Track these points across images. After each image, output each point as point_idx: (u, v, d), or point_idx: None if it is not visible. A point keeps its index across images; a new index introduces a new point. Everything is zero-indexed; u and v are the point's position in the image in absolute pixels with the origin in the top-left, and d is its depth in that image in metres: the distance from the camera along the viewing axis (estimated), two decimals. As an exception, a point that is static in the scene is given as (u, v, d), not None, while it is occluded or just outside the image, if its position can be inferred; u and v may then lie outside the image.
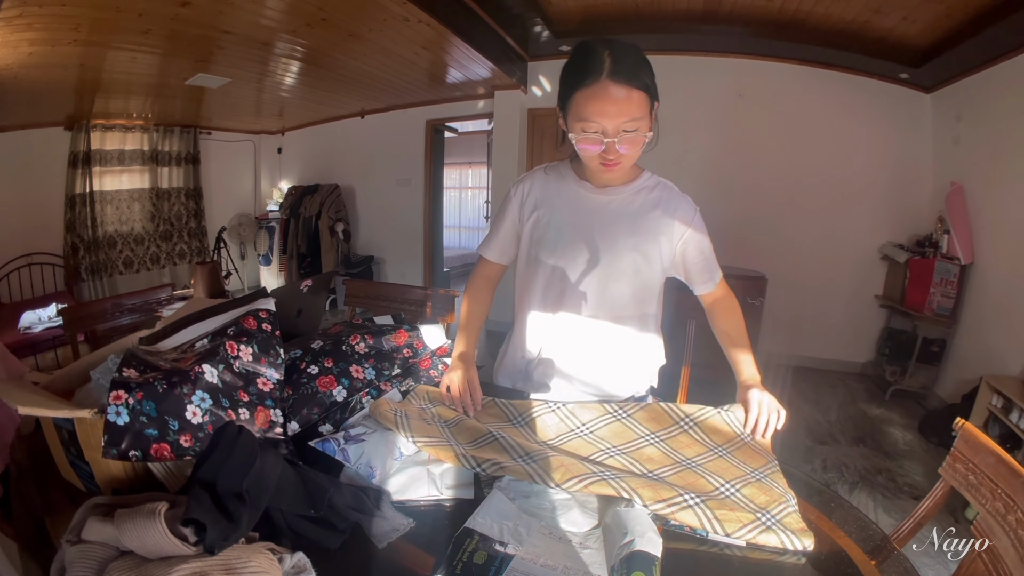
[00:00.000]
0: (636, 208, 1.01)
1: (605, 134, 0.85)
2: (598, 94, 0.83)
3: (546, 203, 1.05)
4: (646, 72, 0.86)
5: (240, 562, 0.52)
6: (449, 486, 0.77)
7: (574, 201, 1.03)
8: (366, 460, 0.77)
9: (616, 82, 0.82)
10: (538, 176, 1.09)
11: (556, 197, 1.05)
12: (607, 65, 0.82)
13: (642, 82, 0.84)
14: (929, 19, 2.70)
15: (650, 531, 0.61)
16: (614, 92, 0.82)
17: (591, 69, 0.83)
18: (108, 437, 0.62)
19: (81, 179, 4.31)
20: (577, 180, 1.04)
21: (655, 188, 1.04)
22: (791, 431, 2.86)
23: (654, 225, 1.00)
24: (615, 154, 0.88)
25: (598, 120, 0.84)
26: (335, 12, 2.69)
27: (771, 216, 3.84)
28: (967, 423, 0.78)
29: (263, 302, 0.96)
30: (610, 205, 1.02)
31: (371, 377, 0.98)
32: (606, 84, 0.82)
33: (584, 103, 0.84)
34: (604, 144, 0.87)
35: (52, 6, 2.22)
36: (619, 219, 1.01)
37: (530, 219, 1.07)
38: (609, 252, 1.01)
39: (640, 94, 0.84)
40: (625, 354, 1.10)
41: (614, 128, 0.85)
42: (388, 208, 5.31)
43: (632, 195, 1.02)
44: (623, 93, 0.83)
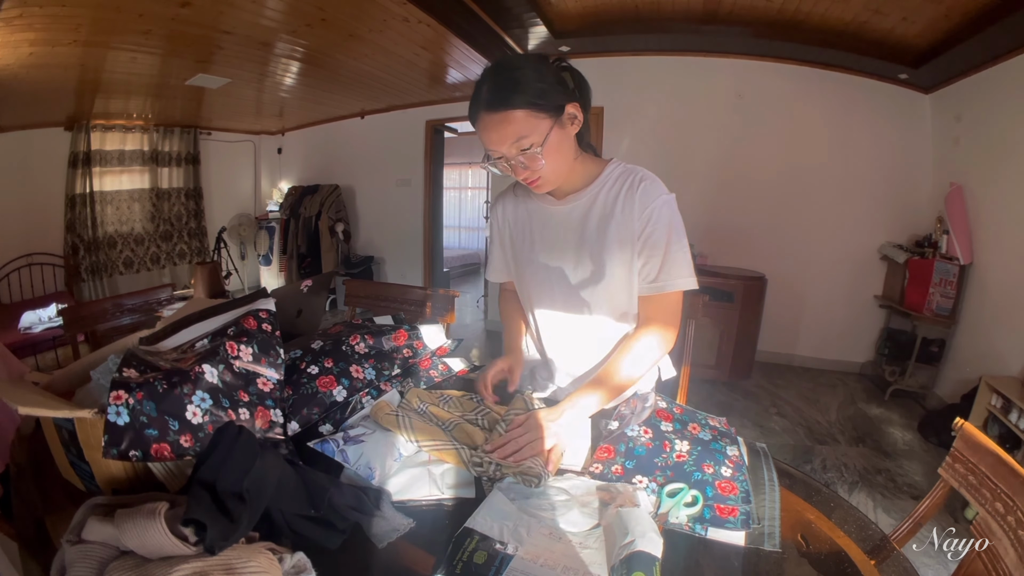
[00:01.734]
0: (599, 209, 0.97)
1: (506, 158, 0.88)
2: (482, 126, 0.87)
3: (517, 222, 1.08)
4: (530, 84, 0.84)
5: (240, 562, 0.52)
6: (450, 486, 0.77)
7: (537, 216, 1.05)
8: (365, 461, 0.77)
9: (491, 111, 0.84)
10: (508, 196, 1.11)
11: (524, 214, 1.07)
12: (483, 96, 0.85)
13: (519, 101, 0.83)
14: (928, 20, 2.70)
15: (651, 531, 0.61)
16: (491, 120, 0.85)
17: (473, 104, 0.88)
18: (108, 437, 0.62)
19: (81, 179, 4.31)
20: (542, 196, 1.03)
21: (617, 180, 0.97)
22: (791, 431, 2.88)
23: (618, 221, 0.95)
24: (524, 173, 0.90)
25: (493, 148, 0.87)
26: (335, 12, 2.69)
27: (771, 216, 3.84)
28: (966, 423, 0.78)
29: (263, 302, 0.96)
30: (572, 213, 1.00)
31: (371, 377, 0.98)
32: (484, 116, 0.85)
33: (480, 136, 0.88)
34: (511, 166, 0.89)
35: (52, 6, 2.22)
36: (585, 225, 0.98)
37: (508, 240, 1.11)
38: (583, 261, 1.00)
39: (520, 112, 0.83)
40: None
41: (509, 150, 0.86)
42: (388, 208, 5.31)
43: (591, 198, 0.98)
44: (499, 118, 0.84)
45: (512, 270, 1.14)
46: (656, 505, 0.74)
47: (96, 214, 4.46)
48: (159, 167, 4.91)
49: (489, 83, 0.85)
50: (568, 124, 0.90)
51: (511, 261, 1.13)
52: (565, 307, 1.05)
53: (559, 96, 0.87)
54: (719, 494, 0.74)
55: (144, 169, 4.82)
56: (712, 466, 0.79)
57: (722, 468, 0.79)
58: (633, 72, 3.85)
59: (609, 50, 3.78)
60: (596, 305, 1.02)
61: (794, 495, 0.79)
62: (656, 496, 0.75)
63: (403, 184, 5.16)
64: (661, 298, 0.95)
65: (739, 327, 3.40)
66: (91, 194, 4.40)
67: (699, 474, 0.78)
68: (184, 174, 5.15)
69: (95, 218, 4.45)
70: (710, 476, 0.77)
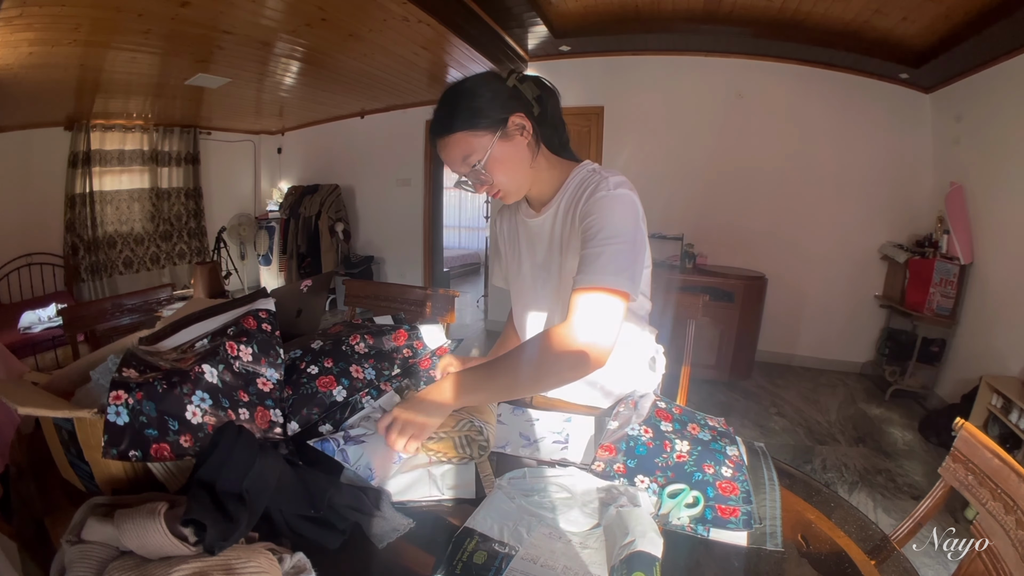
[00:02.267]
0: (560, 219, 0.96)
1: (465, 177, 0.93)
2: (437, 151, 0.92)
3: (509, 234, 1.13)
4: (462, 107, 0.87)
5: (240, 562, 0.52)
6: (450, 486, 0.77)
7: (522, 229, 1.08)
8: (366, 461, 0.77)
9: (437, 137, 0.90)
10: (505, 210, 1.16)
11: (513, 228, 1.11)
12: (432, 125, 0.91)
13: (457, 125, 0.87)
14: (929, 19, 2.70)
15: (651, 531, 0.61)
16: (441, 146, 0.90)
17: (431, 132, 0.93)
18: (108, 437, 0.62)
19: (81, 179, 4.31)
20: (524, 208, 1.06)
21: (578, 186, 0.93)
22: (791, 431, 2.88)
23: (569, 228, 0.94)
24: (483, 188, 0.93)
25: (450, 169, 0.93)
26: (335, 12, 2.69)
27: (771, 216, 3.84)
28: (967, 423, 0.78)
29: (263, 302, 0.96)
30: (543, 226, 1.00)
31: (371, 377, 0.98)
32: (437, 142, 0.91)
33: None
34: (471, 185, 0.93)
35: (52, 6, 2.22)
36: (553, 235, 0.99)
37: (504, 251, 1.16)
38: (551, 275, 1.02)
39: (458, 136, 0.87)
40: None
41: (462, 170, 0.91)
42: (388, 208, 5.31)
43: (556, 208, 0.97)
44: (444, 143, 0.89)
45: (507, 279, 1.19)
46: (657, 506, 0.74)
47: (96, 214, 4.46)
48: (159, 167, 4.91)
49: (436, 112, 0.91)
50: (516, 135, 0.89)
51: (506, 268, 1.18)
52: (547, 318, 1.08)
53: (496, 111, 0.87)
54: (720, 494, 0.74)
55: (144, 169, 4.82)
56: (712, 466, 0.79)
57: (722, 468, 0.79)
58: (633, 72, 3.85)
59: (609, 50, 3.78)
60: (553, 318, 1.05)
61: (794, 495, 0.79)
62: (657, 497, 0.75)
63: (403, 184, 5.15)
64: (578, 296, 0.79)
65: (739, 327, 3.40)
66: (91, 194, 4.39)
67: (700, 474, 0.78)
68: (184, 174, 5.14)
69: (95, 218, 4.45)
70: (711, 476, 0.77)
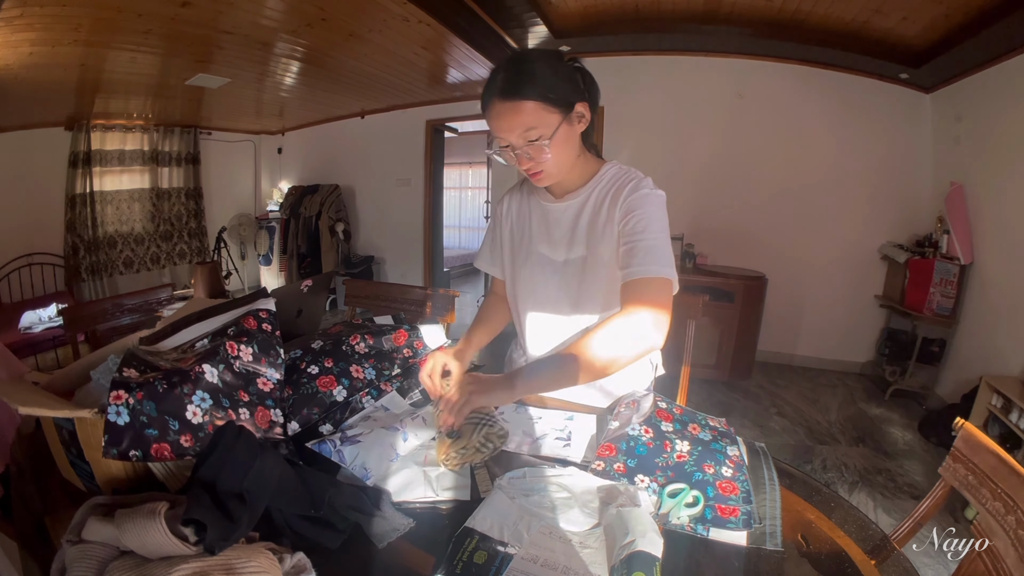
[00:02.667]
0: (589, 208, 0.99)
1: (512, 147, 0.89)
2: (493, 113, 0.88)
3: (519, 216, 1.11)
4: (544, 77, 0.86)
5: (240, 562, 0.52)
6: (446, 487, 0.77)
7: (537, 213, 1.07)
8: (361, 461, 0.77)
9: (504, 99, 0.86)
10: (515, 193, 1.14)
11: (526, 210, 1.10)
12: (498, 84, 0.86)
13: (532, 93, 0.85)
14: (929, 19, 2.70)
15: (651, 531, 0.61)
16: (503, 108, 0.86)
17: (487, 91, 0.88)
18: (108, 437, 0.62)
19: (81, 179, 4.31)
20: (542, 192, 1.06)
21: (609, 180, 0.99)
22: (791, 431, 2.88)
23: (604, 219, 0.96)
24: (528, 164, 0.91)
25: (501, 135, 0.89)
26: (335, 12, 2.69)
27: (771, 216, 3.84)
28: (967, 423, 0.78)
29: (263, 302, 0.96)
30: (567, 212, 1.02)
31: (371, 377, 0.98)
32: (497, 103, 0.86)
33: (489, 123, 0.90)
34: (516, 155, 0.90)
35: (52, 6, 2.22)
36: (577, 224, 1.01)
37: (508, 235, 1.13)
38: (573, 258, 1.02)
39: (532, 104, 0.85)
40: None
41: (517, 139, 0.88)
42: (388, 208, 5.31)
43: (585, 198, 1.00)
44: (511, 107, 0.85)
45: (506, 263, 1.15)
46: (657, 505, 0.74)
47: (96, 214, 4.46)
48: (159, 167, 4.91)
49: (504, 72, 0.86)
50: (576, 122, 0.91)
51: (506, 254, 1.14)
52: (552, 302, 1.07)
53: (570, 93, 0.89)
54: (720, 494, 0.74)
55: (144, 169, 4.82)
56: (713, 466, 0.79)
57: (723, 468, 0.79)
58: (633, 72, 3.85)
59: (609, 50, 3.78)
60: (581, 302, 1.04)
61: (794, 495, 0.79)
62: (657, 496, 0.75)
63: (403, 184, 5.16)
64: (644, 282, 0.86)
65: (739, 327, 3.40)
66: (91, 194, 4.40)
67: (700, 474, 0.78)
68: (184, 174, 5.15)
69: (95, 218, 4.45)
70: (711, 476, 0.77)
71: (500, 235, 1.15)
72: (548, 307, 1.08)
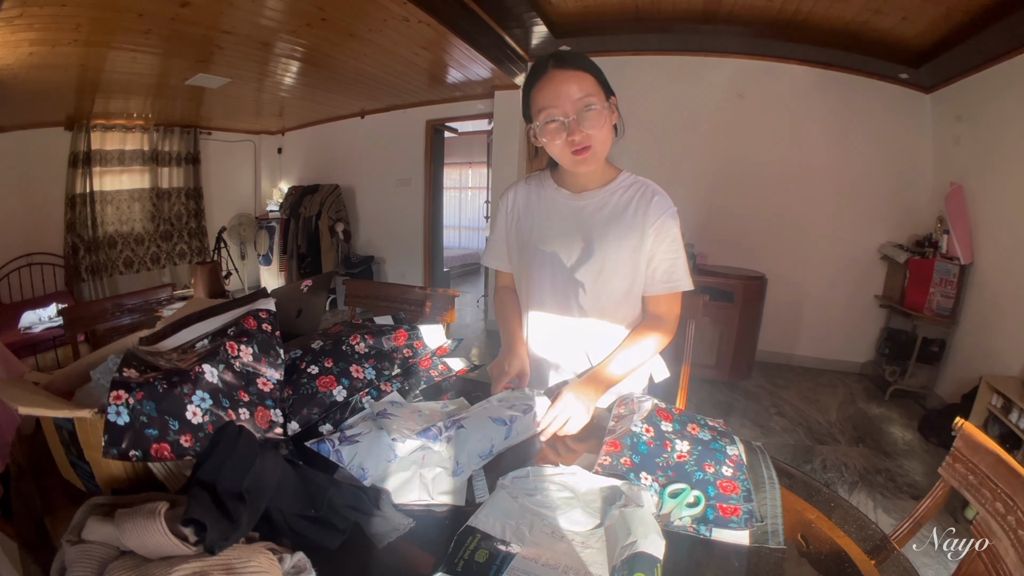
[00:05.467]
0: (610, 209, 1.04)
1: (564, 114, 0.92)
2: (549, 81, 0.92)
3: (528, 211, 1.11)
4: (589, 62, 0.95)
5: (240, 562, 0.52)
6: (441, 491, 0.76)
7: (552, 207, 1.08)
8: (359, 462, 0.77)
9: (560, 67, 0.92)
10: (521, 186, 1.15)
11: (537, 205, 1.11)
12: (551, 60, 0.94)
13: (586, 66, 0.93)
14: (929, 19, 2.70)
15: (653, 532, 0.61)
16: (561, 76, 0.92)
17: (539, 67, 0.95)
18: (108, 437, 0.62)
19: (81, 179, 4.31)
20: (555, 187, 1.08)
21: (630, 187, 1.05)
22: (791, 431, 2.88)
23: (628, 223, 1.02)
24: (580, 134, 0.93)
25: (554, 103, 0.92)
26: (335, 12, 2.69)
27: (771, 216, 3.84)
28: (967, 423, 0.78)
29: (263, 302, 0.96)
30: (585, 209, 1.05)
31: (371, 377, 0.98)
32: (552, 72, 0.92)
33: (540, 95, 0.94)
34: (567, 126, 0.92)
35: (52, 6, 2.22)
36: (594, 221, 1.04)
37: (515, 227, 1.13)
38: (587, 254, 1.04)
39: (586, 75, 0.93)
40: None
41: (572, 107, 0.91)
42: (388, 208, 5.31)
43: (607, 196, 1.04)
44: (569, 74, 0.92)
45: (513, 255, 1.16)
46: (658, 506, 0.74)
47: (96, 214, 4.46)
48: (159, 167, 4.91)
49: (557, 54, 0.95)
50: (612, 111, 0.98)
51: (514, 246, 1.15)
52: (561, 292, 1.08)
53: (608, 85, 0.98)
54: (721, 494, 0.74)
55: (144, 169, 4.82)
56: (713, 466, 0.79)
57: (723, 468, 0.79)
58: (633, 72, 3.85)
59: (609, 50, 3.78)
60: (591, 294, 1.06)
61: (794, 495, 0.79)
62: (658, 496, 0.75)
63: (403, 184, 5.16)
64: (672, 297, 1.05)
65: (739, 327, 3.40)
66: (91, 194, 4.40)
67: (700, 474, 0.78)
68: (184, 174, 5.15)
69: (95, 218, 4.45)
70: (711, 476, 0.77)
71: (507, 229, 1.16)
72: (555, 296, 1.09)
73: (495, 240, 1.19)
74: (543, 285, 1.09)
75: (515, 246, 1.14)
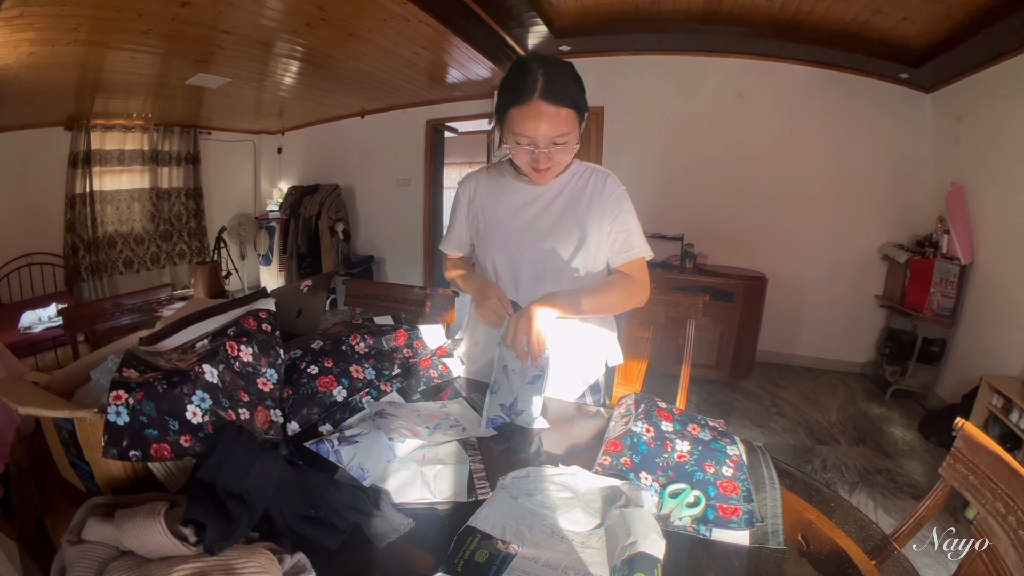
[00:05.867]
0: (567, 195, 1.09)
1: (536, 146, 0.95)
2: (531, 112, 0.91)
3: (490, 200, 1.16)
4: (575, 90, 0.94)
5: (240, 562, 0.51)
6: (443, 489, 0.76)
7: (511, 194, 1.13)
8: (358, 462, 0.77)
9: (547, 101, 0.91)
10: (482, 175, 1.19)
11: (498, 193, 1.15)
12: (540, 85, 0.90)
13: (571, 100, 0.93)
14: (929, 19, 2.70)
15: (653, 532, 0.61)
16: (545, 110, 0.91)
17: (525, 88, 0.91)
18: (108, 437, 0.62)
19: (81, 179, 4.31)
20: (516, 175, 1.12)
21: (584, 173, 1.11)
22: (791, 431, 2.88)
23: (585, 207, 1.07)
24: (546, 163, 0.98)
25: (531, 135, 0.94)
26: (335, 12, 2.69)
27: (772, 216, 3.84)
28: (967, 423, 0.78)
29: (263, 302, 0.96)
30: (544, 195, 1.10)
31: (371, 377, 0.98)
32: (538, 103, 0.91)
33: (519, 120, 0.93)
34: (535, 154, 0.96)
35: (52, 6, 2.22)
36: (551, 206, 1.09)
37: (476, 216, 1.17)
38: (543, 238, 1.09)
39: (569, 111, 0.93)
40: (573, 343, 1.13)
41: (544, 141, 0.94)
42: (388, 208, 5.31)
43: (564, 183, 1.10)
44: (553, 111, 0.91)
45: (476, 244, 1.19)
46: (658, 506, 0.74)
47: (96, 214, 4.46)
48: (159, 167, 4.91)
49: (546, 74, 0.91)
50: (584, 126, 1.01)
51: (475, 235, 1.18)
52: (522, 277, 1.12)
53: (586, 104, 0.99)
54: (721, 494, 0.74)
55: (144, 169, 4.82)
56: (713, 466, 0.79)
57: (723, 468, 0.79)
58: (633, 72, 3.85)
59: (609, 49, 3.78)
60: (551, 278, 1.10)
61: (795, 495, 0.78)
62: (658, 496, 0.75)
63: (403, 184, 5.15)
64: (635, 263, 1.10)
65: (739, 327, 3.39)
66: (91, 194, 4.39)
67: (701, 474, 0.78)
68: (184, 174, 5.14)
69: (95, 218, 4.45)
70: (712, 476, 0.77)
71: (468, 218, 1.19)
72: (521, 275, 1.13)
73: (453, 227, 1.22)
74: (504, 271, 1.14)
75: (476, 234, 1.18)
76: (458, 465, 0.81)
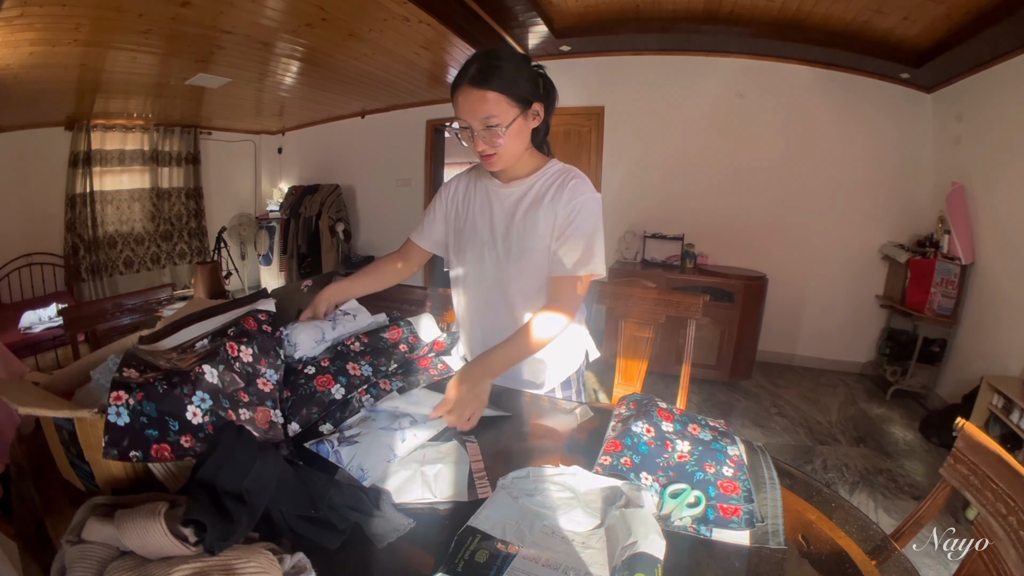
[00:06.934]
0: (532, 196, 1.09)
1: (472, 129, 1.00)
2: (461, 97, 0.98)
3: (465, 200, 1.19)
4: (508, 74, 0.97)
5: (240, 562, 0.51)
6: (443, 489, 0.76)
7: (484, 196, 1.16)
8: (358, 462, 0.77)
9: (473, 86, 0.96)
10: (463, 176, 1.23)
11: (473, 194, 1.18)
12: (471, 72, 0.97)
13: (499, 83, 0.96)
14: (929, 19, 2.70)
15: (653, 532, 0.61)
16: (472, 95, 0.97)
17: (459, 77, 0.99)
18: (108, 437, 0.62)
19: (81, 179, 4.31)
20: (489, 177, 1.15)
21: (553, 175, 1.10)
22: (791, 431, 2.88)
23: (544, 209, 1.07)
24: (482, 147, 1.01)
25: (464, 118, 0.99)
26: (335, 12, 2.69)
27: (771, 216, 3.84)
28: (968, 423, 0.78)
29: (263, 303, 0.96)
30: (510, 197, 1.11)
31: (368, 374, 0.98)
32: (466, 88, 0.97)
33: (455, 107, 1.00)
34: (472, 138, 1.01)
35: (52, 6, 2.22)
36: (517, 209, 1.10)
37: (452, 216, 1.21)
38: (508, 240, 1.10)
39: (496, 95, 0.96)
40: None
41: (478, 123, 0.98)
42: (388, 208, 5.31)
43: (528, 186, 1.10)
44: (478, 94, 0.96)
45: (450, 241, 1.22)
46: (659, 506, 0.74)
47: (96, 214, 4.46)
48: (159, 167, 4.91)
49: (477, 64, 0.97)
50: (531, 119, 1.03)
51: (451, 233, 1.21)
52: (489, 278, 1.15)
53: (529, 93, 1.01)
54: (722, 494, 0.74)
55: (144, 169, 4.81)
56: (714, 466, 0.79)
57: (724, 468, 0.79)
58: (633, 71, 3.85)
59: (609, 49, 3.78)
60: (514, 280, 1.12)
61: (795, 495, 0.78)
62: (658, 496, 0.75)
63: (403, 184, 5.15)
64: (565, 281, 1.05)
65: (740, 327, 3.40)
66: (91, 194, 4.39)
67: (701, 474, 0.78)
68: (184, 174, 5.14)
69: (95, 218, 4.45)
70: (712, 476, 0.77)
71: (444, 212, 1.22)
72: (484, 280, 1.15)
73: (427, 220, 1.24)
74: (471, 270, 1.16)
75: (451, 234, 1.21)
76: (458, 465, 0.81)
